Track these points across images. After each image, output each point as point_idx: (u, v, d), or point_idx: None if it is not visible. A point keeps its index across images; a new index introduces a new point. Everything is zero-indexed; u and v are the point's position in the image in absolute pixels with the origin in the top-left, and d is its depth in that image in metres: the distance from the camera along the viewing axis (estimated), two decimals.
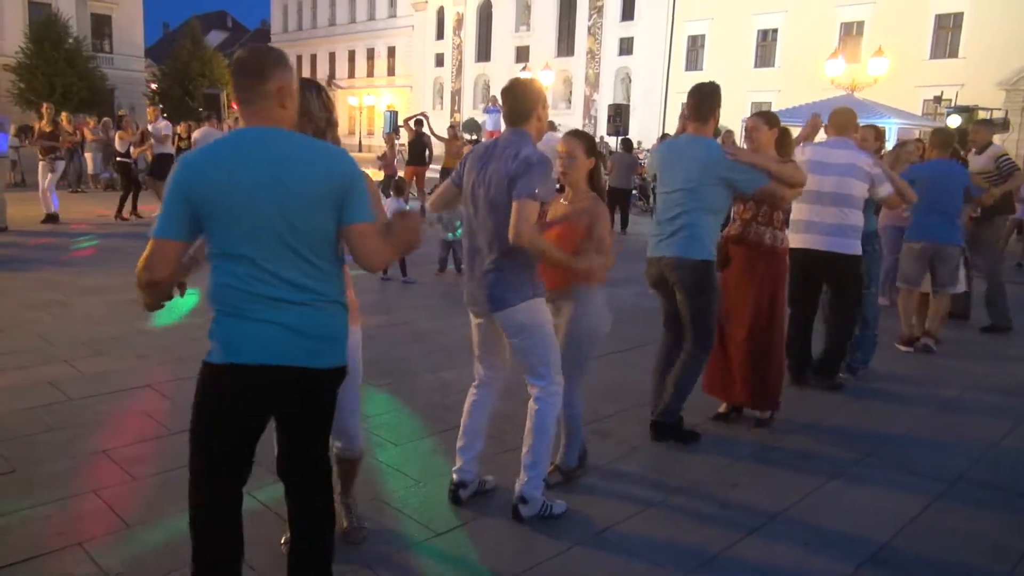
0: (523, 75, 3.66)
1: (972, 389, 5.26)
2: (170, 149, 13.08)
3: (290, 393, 2.19)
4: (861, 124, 5.45)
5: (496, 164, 3.02)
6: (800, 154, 4.84)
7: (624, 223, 13.75)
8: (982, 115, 16.66)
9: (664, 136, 12.55)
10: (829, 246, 4.87)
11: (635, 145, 17.58)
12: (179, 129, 16.55)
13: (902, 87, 25.13)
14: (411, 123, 15.30)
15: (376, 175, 14.27)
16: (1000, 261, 7.36)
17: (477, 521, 3.14)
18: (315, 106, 2.52)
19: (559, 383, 3.19)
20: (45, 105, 13.32)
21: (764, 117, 4.31)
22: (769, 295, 4.27)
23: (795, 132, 5.07)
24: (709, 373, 4.33)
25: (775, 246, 4.25)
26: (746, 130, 4.36)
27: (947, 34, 29.18)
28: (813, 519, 3.30)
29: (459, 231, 8.65)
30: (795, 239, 4.81)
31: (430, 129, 15.30)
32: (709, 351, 4.05)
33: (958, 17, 28.71)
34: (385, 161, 15.51)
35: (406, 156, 15.57)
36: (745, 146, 4.44)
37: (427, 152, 15.10)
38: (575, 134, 3.42)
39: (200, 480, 2.23)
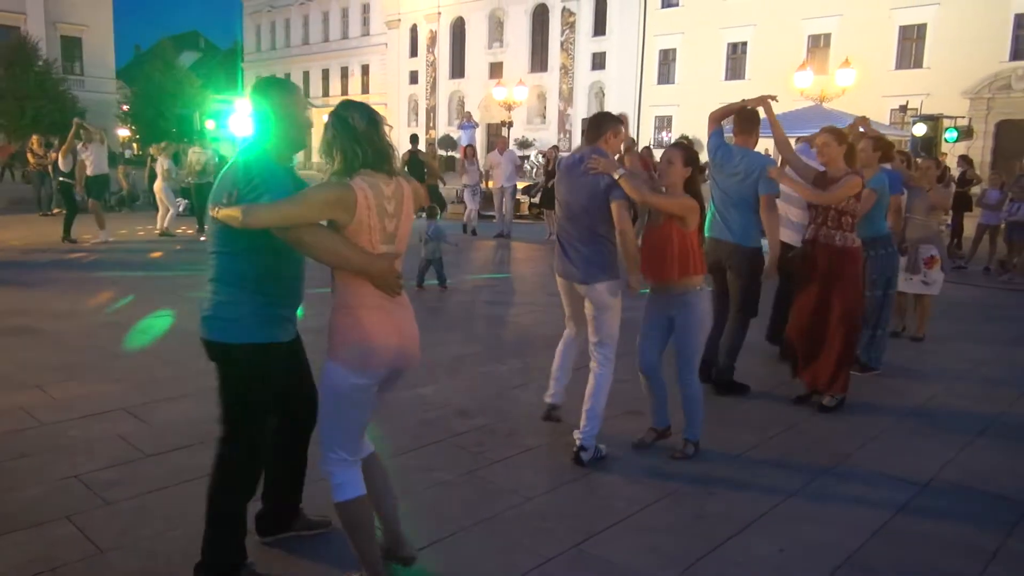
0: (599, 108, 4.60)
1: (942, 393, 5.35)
2: (105, 170, 12.54)
3: None
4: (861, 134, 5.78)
5: (582, 178, 3.90)
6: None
7: None
8: (947, 124, 17.00)
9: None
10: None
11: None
12: (152, 150, 16.42)
13: (869, 97, 25.57)
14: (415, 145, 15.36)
15: None
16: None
17: (458, 535, 3.14)
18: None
19: (614, 354, 4.02)
20: None
21: (835, 135, 4.82)
22: (839, 290, 4.76)
23: (766, 143, 5.22)
24: (802, 360, 4.98)
25: (845, 246, 4.76)
26: (817, 145, 4.87)
27: (911, 45, 29.82)
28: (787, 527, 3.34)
29: (437, 248, 8.65)
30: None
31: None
32: (751, 318, 5.07)
33: (921, 28, 29.37)
34: None
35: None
36: (817, 160, 5.02)
37: (424, 170, 15.18)
38: (677, 145, 4.02)
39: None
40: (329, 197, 2.43)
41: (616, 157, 4.00)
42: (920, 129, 15.29)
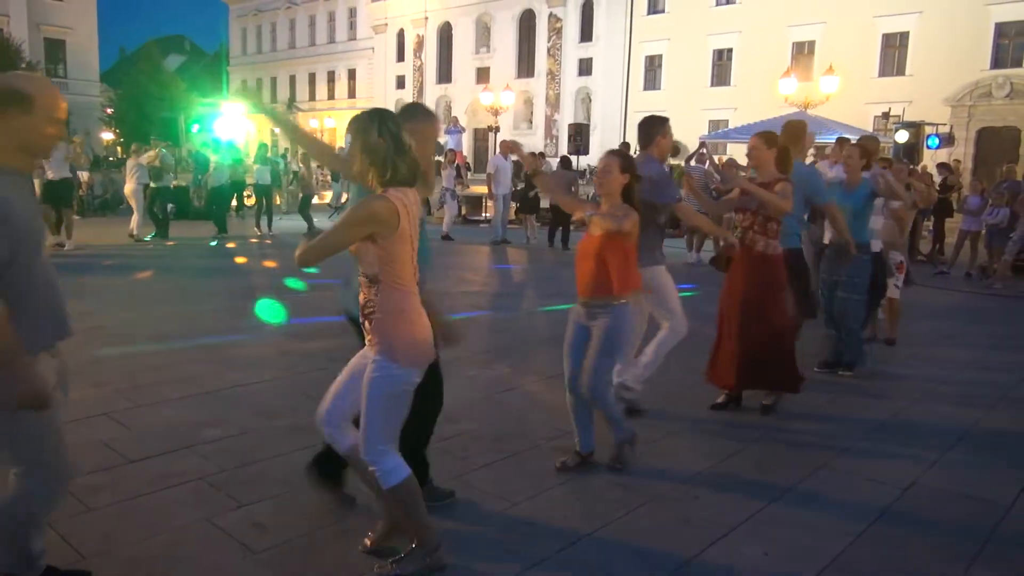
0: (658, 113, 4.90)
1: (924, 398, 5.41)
2: (67, 174, 12.13)
3: None
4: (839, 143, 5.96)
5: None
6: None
7: (564, 240, 13.32)
8: (929, 130, 17.20)
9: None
10: None
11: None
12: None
13: (853, 104, 25.85)
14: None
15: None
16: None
17: (448, 538, 3.13)
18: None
19: (682, 321, 4.59)
20: None
21: (764, 137, 4.80)
22: (762, 294, 4.69)
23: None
24: (712, 364, 4.90)
25: (766, 252, 4.69)
26: (748, 149, 4.87)
27: (894, 52, 30.15)
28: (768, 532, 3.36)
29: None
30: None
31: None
32: (806, 317, 5.36)
33: (904, 36, 29.71)
34: (304, 182, 16.38)
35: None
36: (746, 163, 5.21)
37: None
38: (614, 152, 3.95)
39: None
40: (370, 215, 2.56)
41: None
42: (902, 136, 15.49)
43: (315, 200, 17.77)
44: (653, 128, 4.48)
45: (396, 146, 2.59)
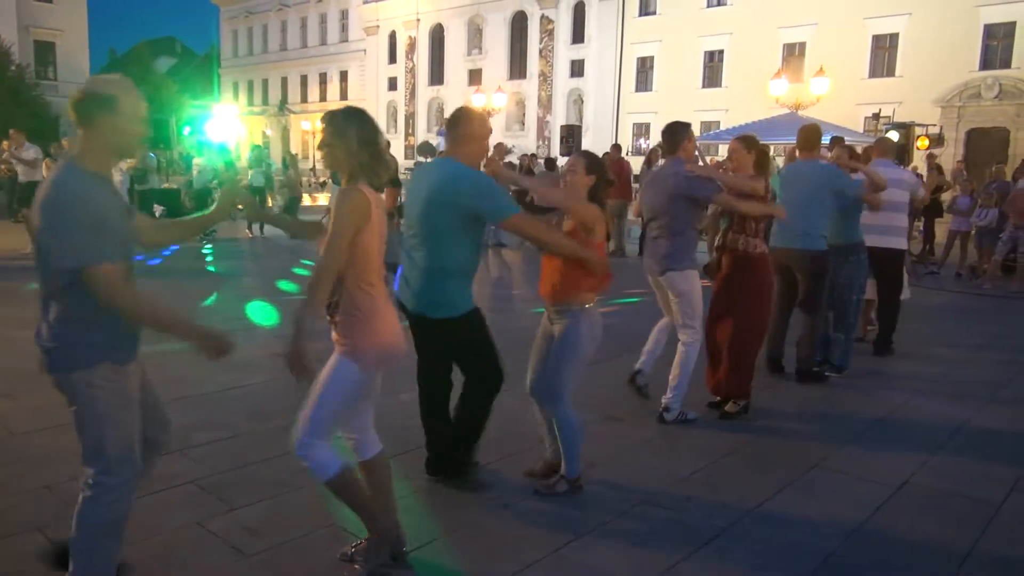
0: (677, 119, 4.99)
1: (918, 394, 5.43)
2: (40, 176, 11.86)
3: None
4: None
5: (661, 183, 4.65)
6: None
7: None
8: (918, 131, 17.28)
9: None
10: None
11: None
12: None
13: (843, 105, 25.93)
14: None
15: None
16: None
17: (439, 541, 3.12)
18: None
19: (700, 331, 4.63)
20: None
21: (744, 141, 4.88)
22: (739, 295, 4.72)
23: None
24: (708, 366, 4.94)
25: (747, 251, 4.71)
26: (728, 151, 5.02)
27: (884, 54, 30.28)
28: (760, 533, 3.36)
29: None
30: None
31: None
32: (820, 316, 5.59)
33: (894, 38, 29.85)
34: (291, 184, 16.61)
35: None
36: (728, 165, 5.19)
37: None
38: (580, 153, 3.85)
39: None
40: (353, 208, 2.59)
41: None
42: (893, 136, 15.53)
43: (308, 202, 17.73)
44: (678, 134, 4.66)
45: (372, 153, 2.64)
